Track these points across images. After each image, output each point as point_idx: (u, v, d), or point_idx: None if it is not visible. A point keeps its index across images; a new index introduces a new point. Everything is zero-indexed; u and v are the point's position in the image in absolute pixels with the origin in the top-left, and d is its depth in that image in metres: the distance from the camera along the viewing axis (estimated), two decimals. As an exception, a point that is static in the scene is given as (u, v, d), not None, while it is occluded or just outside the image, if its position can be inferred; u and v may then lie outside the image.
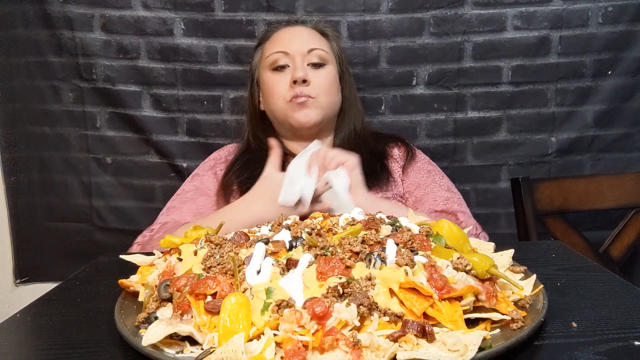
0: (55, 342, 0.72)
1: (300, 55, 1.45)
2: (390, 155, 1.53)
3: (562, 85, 1.84)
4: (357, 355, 0.56)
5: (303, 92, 1.42)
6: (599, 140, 1.87)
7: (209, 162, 1.57)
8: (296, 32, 1.52)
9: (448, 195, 1.43)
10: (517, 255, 0.84)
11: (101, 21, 1.85)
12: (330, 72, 1.49)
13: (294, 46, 1.46)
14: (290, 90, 1.43)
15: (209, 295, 0.68)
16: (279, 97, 1.46)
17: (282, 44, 1.48)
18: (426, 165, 1.53)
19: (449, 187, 1.49)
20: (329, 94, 1.48)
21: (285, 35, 1.52)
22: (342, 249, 0.72)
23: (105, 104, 1.90)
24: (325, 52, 1.48)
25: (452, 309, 0.64)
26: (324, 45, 1.51)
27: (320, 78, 1.45)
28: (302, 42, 1.48)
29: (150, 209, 1.93)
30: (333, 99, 1.50)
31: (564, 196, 1.63)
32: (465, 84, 1.85)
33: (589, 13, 1.80)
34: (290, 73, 1.45)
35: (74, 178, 1.95)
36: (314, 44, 1.48)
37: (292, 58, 1.45)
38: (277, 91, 1.46)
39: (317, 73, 1.46)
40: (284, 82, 1.45)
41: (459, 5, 1.81)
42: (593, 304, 0.76)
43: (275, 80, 1.47)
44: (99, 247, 1.94)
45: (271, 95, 1.48)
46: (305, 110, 1.44)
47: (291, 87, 1.43)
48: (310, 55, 1.46)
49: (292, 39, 1.49)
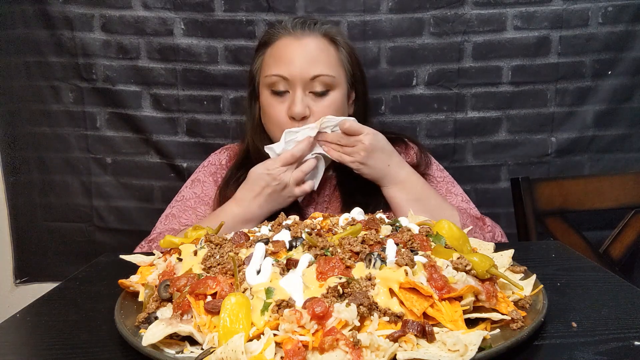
0: (55, 342, 0.72)
1: (302, 83, 1.30)
2: None
3: (562, 85, 1.84)
4: (357, 355, 0.56)
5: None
6: (599, 140, 1.87)
7: (210, 168, 1.50)
8: (300, 47, 1.34)
9: (465, 206, 1.40)
10: (517, 255, 0.84)
11: (101, 21, 1.85)
12: (335, 99, 1.34)
13: (296, 70, 1.30)
14: (287, 123, 1.31)
15: (209, 295, 0.68)
16: (276, 124, 1.34)
17: (282, 65, 1.32)
18: (438, 173, 1.47)
19: (462, 196, 1.44)
20: None
21: (287, 49, 1.34)
22: (342, 249, 0.72)
23: (105, 104, 1.90)
24: (331, 78, 1.32)
25: (452, 309, 0.64)
26: (332, 62, 1.35)
27: (323, 109, 1.31)
28: (305, 64, 1.31)
29: (150, 209, 1.94)
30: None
31: (564, 196, 1.63)
32: (465, 84, 1.85)
33: (589, 13, 1.80)
34: (289, 102, 1.32)
35: (74, 178, 1.95)
36: (318, 68, 1.31)
37: (292, 85, 1.31)
38: (274, 118, 1.34)
39: (320, 103, 1.32)
40: (281, 108, 1.33)
41: (459, 5, 1.81)
42: (593, 304, 0.76)
43: (273, 105, 1.34)
44: (99, 247, 1.94)
45: (269, 119, 1.37)
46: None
47: (289, 119, 1.31)
48: (314, 82, 1.31)
49: (294, 58, 1.32)
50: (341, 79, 1.37)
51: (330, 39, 1.37)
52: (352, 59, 1.42)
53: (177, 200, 1.46)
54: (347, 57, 1.40)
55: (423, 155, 1.47)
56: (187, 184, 1.51)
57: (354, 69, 1.41)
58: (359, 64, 1.45)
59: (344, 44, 1.40)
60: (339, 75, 1.36)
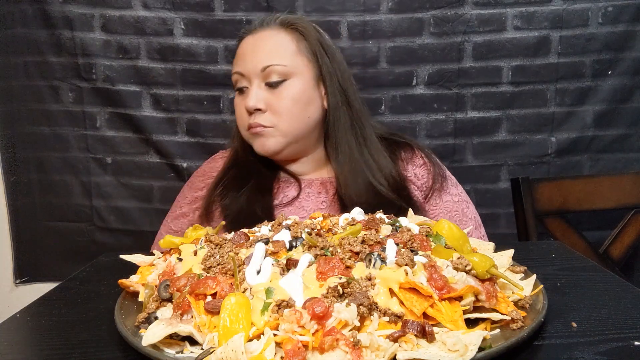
0: (55, 342, 0.72)
1: (255, 76, 1.25)
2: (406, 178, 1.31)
3: (562, 85, 1.85)
4: (357, 355, 0.56)
5: (257, 121, 1.24)
6: (599, 140, 1.87)
7: (207, 180, 1.39)
8: (255, 42, 1.28)
9: (477, 235, 1.30)
10: (517, 255, 0.84)
11: (101, 21, 1.85)
12: (293, 87, 1.25)
13: (249, 64, 1.26)
14: (247, 118, 1.26)
15: (209, 295, 0.68)
16: (240, 124, 1.30)
17: (239, 62, 1.29)
18: (454, 190, 1.34)
19: (475, 221, 1.33)
20: (290, 116, 1.25)
21: (244, 47, 1.30)
22: (342, 249, 0.72)
23: (105, 104, 1.90)
24: (283, 66, 1.24)
25: (452, 309, 0.64)
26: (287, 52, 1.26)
27: (279, 100, 1.24)
28: (257, 57, 1.25)
29: (150, 209, 1.94)
30: (299, 119, 1.27)
31: (564, 196, 1.63)
32: (465, 84, 1.85)
33: (589, 13, 1.80)
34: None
35: (74, 178, 1.95)
36: (269, 59, 1.24)
37: (247, 80, 1.27)
38: (239, 117, 1.30)
39: (275, 94, 1.24)
40: (243, 105, 1.27)
41: (459, 5, 1.81)
42: (593, 304, 0.76)
43: (238, 103, 1.30)
44: (99, 247, 1.95)
45: (237, 119, 1.32)
46: (261, 140, 1.26)
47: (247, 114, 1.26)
48: (266, 74, 1.24)
49: (247, 54, 1.27)
50: (300, 67, 1.26)
51: (289, 28, 1.29)
52: (319, 45, 1.29)
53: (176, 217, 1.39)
54: (311, 42, 1.28)
55: (437, 167, 1.33)
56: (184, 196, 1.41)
57: (321, 52, 1.29)
58: (330, 52, 1.31)
59: (307, 31, 1.29)
60: (296, 63, 1.26)
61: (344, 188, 1.25)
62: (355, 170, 1.26)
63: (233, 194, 1.27)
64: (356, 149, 1.28)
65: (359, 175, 1.25)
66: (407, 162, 1.33)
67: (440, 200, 1.30)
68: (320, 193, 1.30)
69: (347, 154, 1.28)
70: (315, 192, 1.30)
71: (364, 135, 1.30)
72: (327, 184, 1.32)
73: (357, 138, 1.29)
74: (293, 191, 1.31)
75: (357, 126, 1.30)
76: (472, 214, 1.33)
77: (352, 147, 1.28)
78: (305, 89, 1.27)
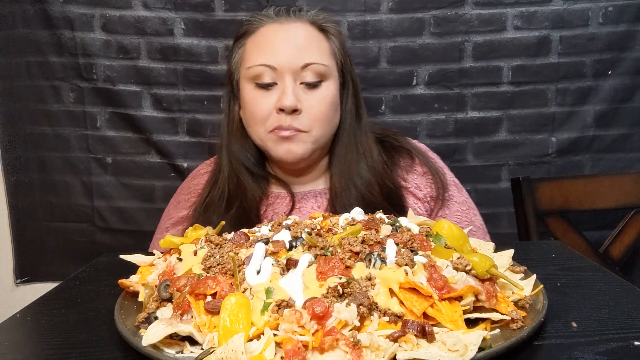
0: (55, 342, 0.72)
1: (292, 73, 1.15)
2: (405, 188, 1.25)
3: (563, 85, 1.84)
4: (357, 355, 0.56)
5: (291, 124, 1.14)
6: (599, 140, 1.87)
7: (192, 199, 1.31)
8: (287, 34, 1.18)
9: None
10: (517, 255, 0.84)
11: (101, 21, 1.85)
12: (329, 91, 1.18)
13: (284, 58, 1.15)
14: (275, 118, 1.15)
15: (209, 295, 0.68)
16: (259, 122, 1.18)
17: (268, 53, 1.16)
18: (458, 196, 1.28)
19: (482, 229, 1.27)
20: (325, 121, 1.19)
21: (272, 36, 1.18)
22: (342, 249, 0.72)
23: (105, 104, 1.90)
24: (324, 66, 1.16)
25: (452, 309, 0.64)
26: (323, 51, 1.19)
27: (315, 103, 1.16)
28: (295, 52, 1.16)
29: (150, 209, 1.94)
30: (330, 125, 1.21)
31: (564, 196, 1.63)
32: (465, 84, 1.85)
33: (589, 13, 1.80)
34: (278, 94, 1.15)
35: (75, 178, 1.95)
36: (310, 56, 1.16)
37: (280, 75, 1.15)
38: (259, 115, 1.17)
39: (313, 95, 1.16)
40: (268, 103, 1.16)
41: (460, 5, 1.81)
42: (593, 304, 0.76)
43: (258, 99, 1.17)
44: (99, 247, 1.95)
45: (252, 117, 1.19)
46: (288, 145, 1.16)
47: (277, 113, 1.15)
48: (305, 72, 1.15)
49: (282, 46, 1.16)
50: (333, 70, 1.21)
51: (319, 27, 1.21)
52: (343, 49, 1.25)
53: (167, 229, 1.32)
54: (338, 46, 1.23)
55: (438, 174, 1.26)
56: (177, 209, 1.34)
57: (345, 60, 1.25)
58: (349, 55, 1.29)
59: (335, 33, 1.24)
60: (331, 65, 1.20)
61: (338, 198, 1.21)
62: (349, 180, 1.22)
63: (217, 217, 1.17)
64: (354, 158, 1.23)
65: (352, 185, 1.21)
66: (406, 172, 1.27)
67: (449, 210, 1.24)
68: (312, 208, 1.25)
69: (346, 162, 1.23)
70: (308, 207, 1.25)
71: (364, 143, 1.25)
72: (319, 197, 1.28)
73: (357, 146, 1.24)
74: (284, 207, 1.25)
75: (361, 137, 1.25)
76: (479, 222, 1.29)
77: (352, 155, 1.23)
78: (336, 93, 1.21)
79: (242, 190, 1.23)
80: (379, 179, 1.22)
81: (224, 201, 1.22)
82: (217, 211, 1.21)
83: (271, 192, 1.28)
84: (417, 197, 1.25)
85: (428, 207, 1.25)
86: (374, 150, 1.26)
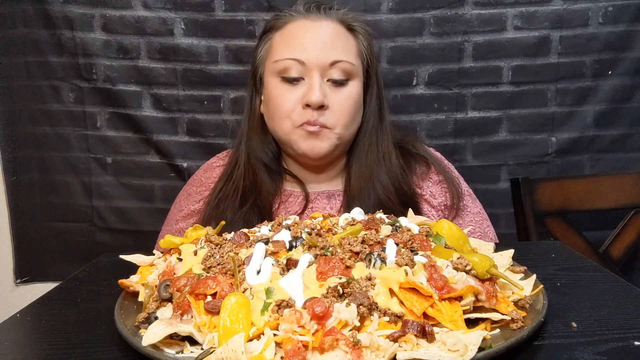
0: (55, 342, 0.72)
1: (320, 69, 1.15)
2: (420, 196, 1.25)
3: (562, 85, 1.84)
4: (357, 355, 0.56)
5: (318, 120, 1.15)
6: (599, 140, 1.87)
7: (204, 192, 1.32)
8: (317, 30, 1.19)
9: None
10: (517, 255, 0.84)
11: (101, 21, 1.85)
12: (354, 90, 1.20)
13: (313, 54, 1.16)
14: (301, 114, 1.16)
15: (209, 295, 0.68)
16: (285, 117, 1.18)
17: (297, 48, 1.17)
18: (472, 207, 1.28)
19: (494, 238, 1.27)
20: (350, 120, 1.20)
21: (301, 32, 1.19)
22: (342, 249, 0.72)
23: (105, 104, 1.90)
24: (351, 65, 1.18)
25: (452, 309, 0.64)
26: (351, 50, 1.20)
27: (341, 101, 1.17)
28: (324, 48, 1.16)
29: (150, 209, 1.94)
30: (353, 124, 1.22)
31: (564, 196, 1.63)
32: (465, 84, 1.85)
33: (589, 13, 1.80)
34: (304, 89, 1.16)
35: (74, 178, 1.95)
36: (339, 54, 1.16)
37: (308, 70, 1.16)
38: (284, 109, 1.18)
39: (339, 93, 1.17)
40: (294, 98, 1.16)
41: (459, 5, 1.81)
42: (593, 304, 0.76)
43: (284, 93, 1.18)
44: (99, 247, 1.95)
45: (276, 111, 1.19)
46: (314, 141, 1.17)
47: (303, 108, 1.16)
48: (333, 69, 1.16)
49: (311, 41, 1.17)
50: (359, 69, 1.22)
51: (348, 26, 1.23)
52: (371, 50, 1.26)
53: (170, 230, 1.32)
54: (365, 47, 1.24)
55: (453, 184, 1.27)
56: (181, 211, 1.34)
57: (372, 60, 1.26)
58: (376, 56, 1.30)
59: (364, 33, 1.24)
60: (357, 65, 1.21)
61: (353, 200, 1.21)
62: (366, 182, 1.22)
63: (230, 212, 1.20)
64: (374, 160, 1.23)
65: (368, 188, 1.21)
66: (422, 179, 1.27)
67: (462, 220, 1.24)
68: (325, 209, 1.26)
69: (364, 163, 1.23)
70: (320, 207, 1.26)
71: (385, 147, 1.25)
72: (333, 198, 1.28)
73: (378, 148, 1.24)
74: (296, 206, 1.25)
75: (382, 139, 1.25)
76: (492, 233, 1.28)
77: (371, 158, 1.24)
78: (360, 93, 1.22)
79: (257, 186, 1.23)
80: (395, 183, 1.22)
81: (237, 197, 1.22)
82: (231, 206, 1.21)
83: (285, 190, 1.29)
84: (432, 204, 1.25)
85: (442, 216, 1.25)
86: (392, 154, 1.26)
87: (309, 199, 1.26)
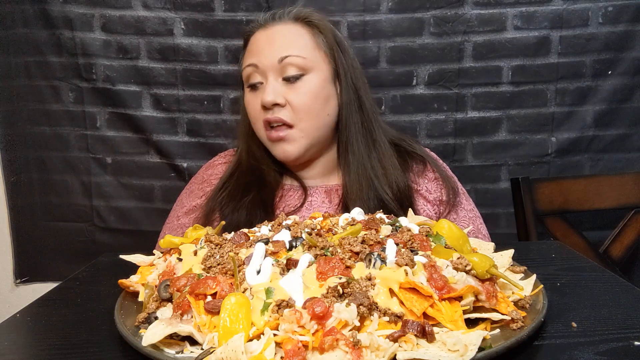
0: (55, 342, 0.72)
1: (272, 69, 1.19)
2: (416, 191, 1.26)
3: (562, 85, 1.85)
4: (357, 355, 0.56)
5: (278, 116, 1.18)
6: (599, 140, 1.87)
7: (206, 188, 1.34)
8: (270, 35, 1.23)
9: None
10: (517, 255, 0.84)
11: (101, 21, 1.85)
12: (312, 83, 1.20)
13: (264, 57, 1.20)
14: (261, 114, 1.21)
15: (209, 295, 0.68)
16: (256, 121, 1.24)
17: (252, 55, 1.23)
18: (466, 204, 1.29)
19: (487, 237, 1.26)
20: (311, 114, 1.20)
21: (257, 41, 1.24)
22: (342, 249, 0.72)
23: (105, 104, 1.90)
24: (302, 59, 1.19)
25: (452, 309, 0.64)
26: (304, 44, 1.22)
27: (298, 96, 1.18)
28: (273, 48, 1.20)
29: (150, 209, 1.94)
30: (319, 118, 1.22)
31: (564, 196, 1.63)
32: (465, 84, 1.85)
33: (589, 13, 1.80)
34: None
35: (74, 178, 1.95)
36: (287, 49, 1.19)
37: (263, 73, 1.20)
38: (253, 114, 1.23)
39: (294, 89, 1.19)
40: (257, 102, 1.21)
41: (459, 5, 1.81)
42: (593, 304, 0.76)
43: (250, 100, 1.24)
44: (98, 247, 1.95)
45: (250, 117, 1.26)
46: (282, 146, 1.21)
47: (263, 110, 1.20)
48: (283, 66, 1.18)
49: (263, 46, 1.22)
50: (319, 62, 1.22)
51: (304, 22, 1.24)
52: (335, 40, 1.26)
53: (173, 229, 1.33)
54: (328, 38, 1.24)
55: (449, 181, 1.29)
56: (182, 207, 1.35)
57: (336, 49, 1.25)
58: (344, 47, 1.28)
59: (321, 25, 1.25)
60: (314, 57, 1.21)
61: (351, 195, 1.22)
62: (363, 177, 1.22)
63: (233, 204, 1.23)
64: (365, 152, 1.24)
65: (366, 182, 1.22)
66: (418, 176, 1.29)
67: (457, 215, 1.26)
68: (323, 202, 1.27)
69: (357, 157, 1.23)
70: (319, 201, 1.27)
71: (374, 137, 1.26)
72: (332, 192, 1.29)
73: (366, 139, 1.25)
74: (296, 200, 1.27)
75: (367, 127, 1.25)
76: (485, 231, 1.29)
77: (361, 150, 1.24)
78: (324, 85, 1.22)
79: (259, 183, 1.27)
80: (390, 175, 1.24)
81: (240, 189, 1.25)
82: (235, 199, 1.24)
83: (285, 184, 1.31)
84: (427, 199, 1.27)
85: (437, 211, 1.26)
86: (388, 149, 1.27)
87: (307, 192, 1.28)
